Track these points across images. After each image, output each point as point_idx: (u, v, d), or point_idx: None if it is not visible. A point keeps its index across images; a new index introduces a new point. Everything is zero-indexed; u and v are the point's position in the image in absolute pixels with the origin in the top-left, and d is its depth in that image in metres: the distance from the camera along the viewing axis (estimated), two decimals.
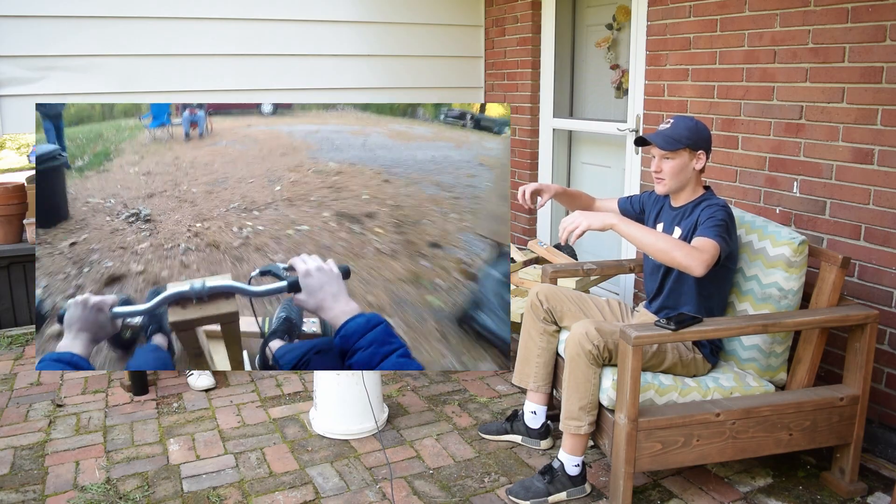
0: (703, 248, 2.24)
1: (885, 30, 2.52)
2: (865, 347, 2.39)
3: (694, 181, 2.48)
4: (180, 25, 3.96)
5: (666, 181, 2.47)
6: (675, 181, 2.46)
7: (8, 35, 3.60)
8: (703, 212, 2.40)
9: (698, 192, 2.50)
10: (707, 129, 2.48)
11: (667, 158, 2.44)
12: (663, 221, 2.60)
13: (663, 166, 2.45)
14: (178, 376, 3.45)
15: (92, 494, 2.51)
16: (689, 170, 2.45)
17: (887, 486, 2.53)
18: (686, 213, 2.49)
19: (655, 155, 2.47)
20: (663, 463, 2.32)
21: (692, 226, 2.42)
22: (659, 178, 2.48)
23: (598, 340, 2.33)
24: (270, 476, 2.62)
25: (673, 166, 2.43)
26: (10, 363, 3.63)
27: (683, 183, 2.47)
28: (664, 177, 2.46)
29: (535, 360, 2.73)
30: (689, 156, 2.43)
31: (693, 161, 2.44)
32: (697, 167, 2.45)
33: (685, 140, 2.41)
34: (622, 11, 3.88)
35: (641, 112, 3.63)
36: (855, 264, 2.71)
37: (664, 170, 2.45)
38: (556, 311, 2.69)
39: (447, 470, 2.66)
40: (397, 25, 4.55)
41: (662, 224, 2.60)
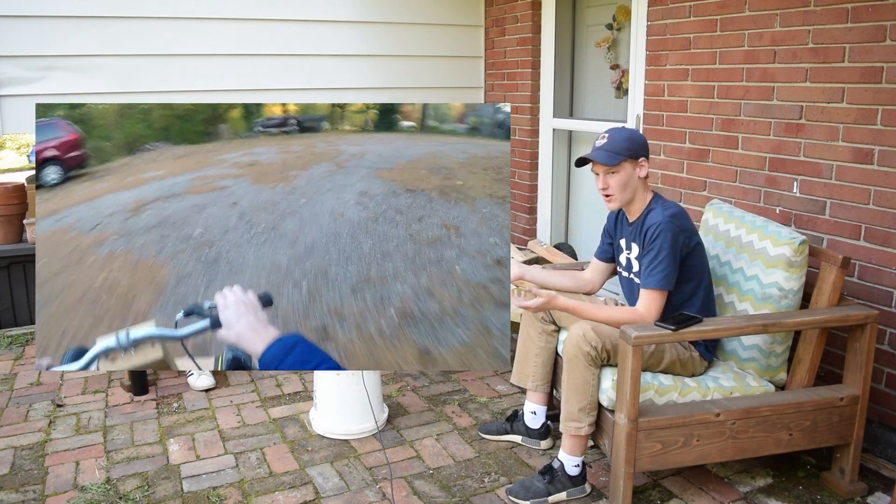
0: (649, 307, 2.37)
1: (885, 30, 2.52)
2: (865, 347, 2.39)
3: (641, 189, 2.48)
4: (180, 25, 3.96)
5: (615, 195, 2.46)
6: (624, 194, 2.46)
7: (8, 35, 3.60)
8: (651, 238, 2.37)
9: (647, 198, 2.50)
10: (642, 135, 2.49)
11: (611, 173, 2.43)
12: (625, 238, 2.59)
13: (609, 182, 2.44)
14: (177, 376, 3.45)
15: (92, 494, 2.51)
16: (634, 180, 2.45)
17: (887, 486, 2.53)
18: (639, 228, 2.48)
19: (599, 172, 2.46)
20: (663, 463, 2.32)
21: (645, 240, 2.42)
22: (607, 195, 2.47)
23: (596, 341, 2.33)
24: (270, 476, 2.62)
25: (618, 180, 2.43)
26: (10, 363, 3.63)
27: (632, 194, 2.47)
28: (612, 192, 2.45)
29: (533, 359, 2.73)
30: (631, 166, 2.43)
31: (636, 170, 2.44)
32: (642, 175, 2.45)
33: (625, 151, 2.40)
34: (622, 11, 3.88)
35: (641, 112, 3.63)
36: (855, 264, 2.71)
37: (611, 185, 2.44)
38: (554, 312, 2.69)
39: (447, 470, 2.66)
40: (397, 25, 4.55)
41: (624, 240, 2.59)
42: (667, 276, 2.36)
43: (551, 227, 4.54)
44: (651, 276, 2.37)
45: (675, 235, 2.36)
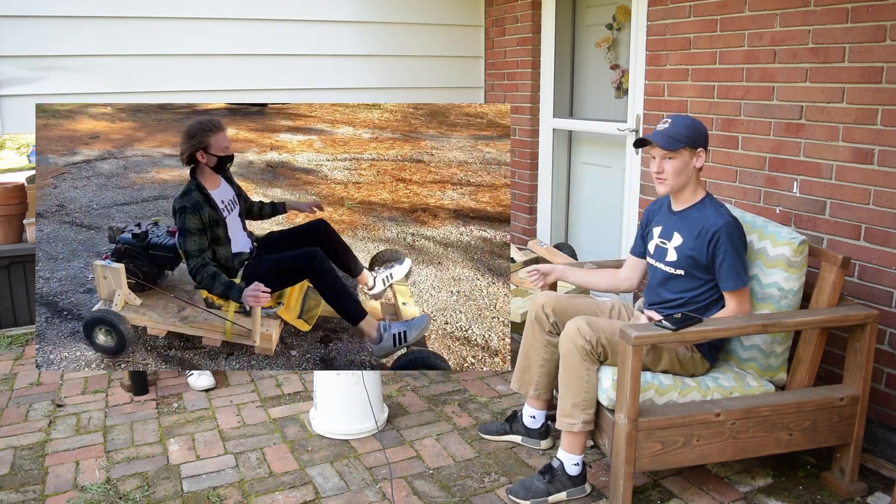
0: (743, 305, 2.43)
1: (885, 30, 2.52)
2: (865, 347, 2.39)
3: (694, 180, 2.48)
4: (180, 25, 3.96)
5: (668, 181, 2.46)
6: (678, 180, 2.46)
7: (8, 35, 3.60)
8: (721, 243, 2.38)
9: (699, 193, 2.50)
10: (704, 126, 2.47)
11: (668, 158, 2.43)
12: (661, 226, 2.58)
13: (665, 166, 2.44)
14: (178, 376, 3.45)
15: (92, 494, 2.51)
16: (690, 168, 2.44)
17: (887, 486, 2.53)
18: (687, 219, 2.48)
19: (656, 156, 2.46)
20: (663, 463, 2.32)
21: (696, 234, 2.42)
22: (661, 178, 2.47)
23: (591, 336, 2.33)
24: (270, 476, 2.62)
25: (675, 165, 2.43)
26: (10, 363, 3.63)
27: (685, 182, 2.47)
28: (666, 177, 2.45)
29: (536, 370, 2.70)
30: (689, 154, 2.43)
31: (693, 159, 2.44)
32: (697, 165, 2.45)
33: (685, 139, 2.40)
34: (622, 11, 3.88)
35: (641, 112, 3.63)
36: (855, 264, 2.71)
37: (666, 169, 2.44)
38: (562, 324, 2.63)
39: (447, 470, 2.66)
40: (397, 25, 4.55)
41: (660, 228, 2.58)
42: (744, 267, 2.41)
43: (551, 227, 4.54)
44: (738, 277, 2.39)
45: (742, 235, 2.43)
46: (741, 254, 2.41)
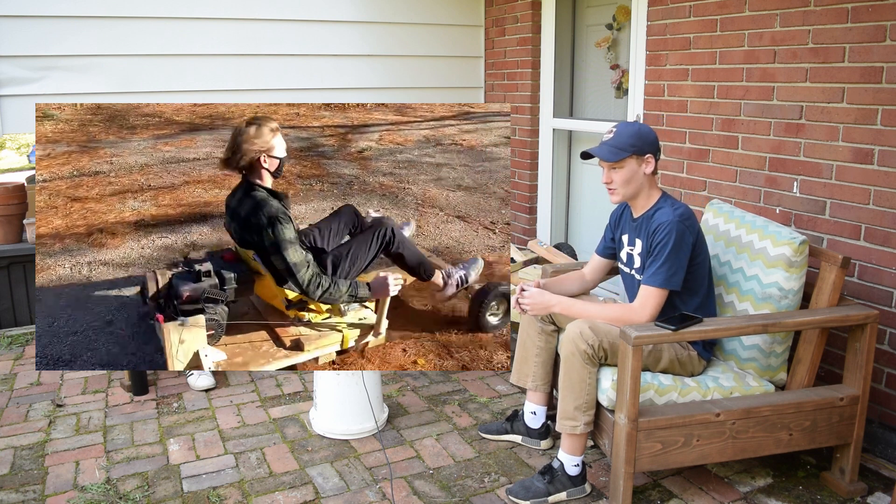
0: (645, 304, 2.37)
1: (885, 30, 2.52)
2: (865, 347, 2.39)
3: (647, 186, 2.46)
4: (180, 25, 3.96)
5: (618, 190, 2.46)
6: (627, 189, 2.45)
7: (8, 35, 3.60)
8: (654, 236, 2.37)
9: (654, 196, 2.48)
10: (652, 131, 2.46)
11: (614, 169, 2.43)
12: (627, 234, 2.59)
13: (613, 177, 2.44)
14: (178, 376, 3.45)
15: (92, 494, 2.51)
16: (639, 176, 2.43)
17: (887, 486, 2.53)
18: (643, 224, 2.48)
19: (603, 166, 2.47)
20: (663, 463, 2.32)
21: (650, 235, 2.42)
22: (610, 188, 2.47)
23: (593, 339, 2.33)
24: (270, 476, 2.62)
25: (622, 175, 2.42)
26: (10, 363, 3.63)
27: (636, 190, 2.46)
28: (615, 187, 2.45)
29: (533, 359, 2.72)
30: (636, 162, 2.41)
31: (642, 166, 2.43)
32: (647, 171, 2.44)
33: (630, 147, 2.39)
34: (622, 11, 3.88)
35: (641, 112, 3.63)
36: (855, 264, 2.71)
37: (615, 180, 2.44)
38: (557, 316, 2.68)
39: (447, 470, 2.66)
40: (397, 25, 4.55)
41: (626, 236, 2.58)
42: (671, 276, 2.35)
43: (551, 227, 4.54)
44: (655, 274, 2.36)
45: (684, 235, 2.35)
46: (679, 255, 2.34)
